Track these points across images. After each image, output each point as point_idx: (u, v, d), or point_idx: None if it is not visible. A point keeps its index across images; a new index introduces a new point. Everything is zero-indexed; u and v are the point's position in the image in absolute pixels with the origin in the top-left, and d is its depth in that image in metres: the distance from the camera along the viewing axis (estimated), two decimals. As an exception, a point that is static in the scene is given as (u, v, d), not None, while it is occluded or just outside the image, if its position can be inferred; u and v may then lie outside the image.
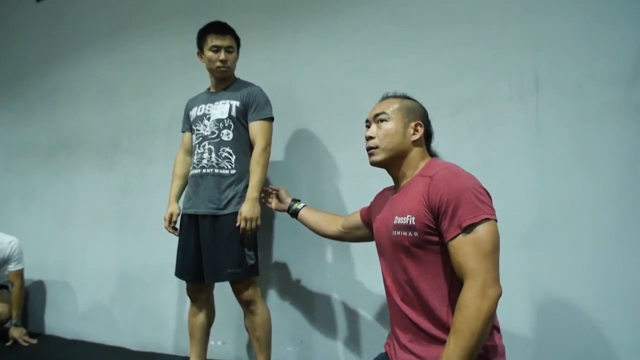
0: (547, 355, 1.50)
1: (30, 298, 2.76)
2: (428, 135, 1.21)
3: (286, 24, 2.10)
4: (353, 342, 1.87)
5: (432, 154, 1.22)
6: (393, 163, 1.17)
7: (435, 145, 1.24)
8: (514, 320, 1.50)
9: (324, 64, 1.99)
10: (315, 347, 1.94)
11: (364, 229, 1.43)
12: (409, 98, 1.22)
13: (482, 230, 0.95)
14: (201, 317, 1.81)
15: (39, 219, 2.86)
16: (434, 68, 1.74)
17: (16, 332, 2.44)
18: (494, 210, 0.99)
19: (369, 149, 1.18)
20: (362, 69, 1.90)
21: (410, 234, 1.04)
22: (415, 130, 1.16)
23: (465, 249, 0.95)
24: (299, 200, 1.68)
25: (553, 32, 1.56)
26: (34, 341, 2.46)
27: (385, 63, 1.85)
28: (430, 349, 1.02)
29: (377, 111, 1.18)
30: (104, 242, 2.56)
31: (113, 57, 2.66)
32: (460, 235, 0.96)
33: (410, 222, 1.04)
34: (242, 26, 1.79)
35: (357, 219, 1.45)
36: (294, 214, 1.66)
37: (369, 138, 1.18)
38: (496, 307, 0.92)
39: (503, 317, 1.08)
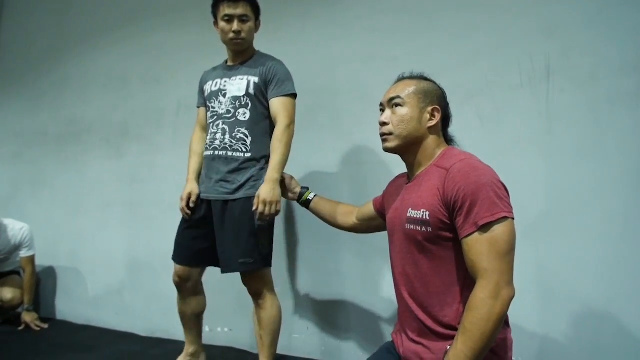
0: (554, 347, 1.50)
1: (41, 284, 2.80)
2: (446, 119, 1.15)
3: (294, 13, 2.09)
4: (359, 330, 1.88)
5: (449, 140, 1.17)
6: (407, 150, 1.12)
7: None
8: (520, 311, 1.47)
9: (332, 52, 1.98)
10: (321, 335, 1.96)
11: (379, 219, 1.38)
12: (426, 79, 1.16)
13: (499, 229, 0.91)
14: (189, 306, 1.72)
15: (49, 206, 2.89)
16: (443, 55, 1.72)
17: (28, 317, 2.48)
18: (511, 207, 0.95)
19: (382, 135, 1.13)
20: (370, 56, 1.89)
21: (423, 228, 1.01)
22: (432, 115, 1.10)
23: (479, 247, 0.91)
24: (308, 189, 1.63)
25: (565, 19, 1.53)
26: (46, 326, 2.50)
27: (393, 50, 1.83)
28: (438, 343, 1.00)
29: (392, 95, 1.12)
30: (114, 229, 2.59)
31: (122, 47, 2.66)
32: (476, 234, 0.92)
33: (424, 217, 1.00)
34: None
35: (371, 210, 1.41)
36: (305, 203, 1.61)
37: (382, 124, 1.13)
38: (508, 309, 0.90)
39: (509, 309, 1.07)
